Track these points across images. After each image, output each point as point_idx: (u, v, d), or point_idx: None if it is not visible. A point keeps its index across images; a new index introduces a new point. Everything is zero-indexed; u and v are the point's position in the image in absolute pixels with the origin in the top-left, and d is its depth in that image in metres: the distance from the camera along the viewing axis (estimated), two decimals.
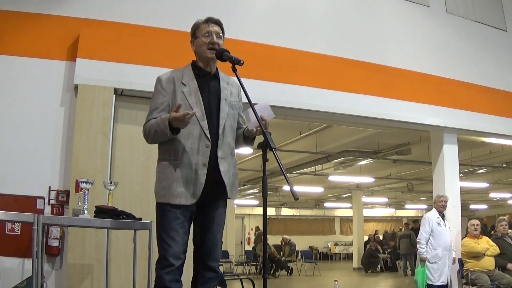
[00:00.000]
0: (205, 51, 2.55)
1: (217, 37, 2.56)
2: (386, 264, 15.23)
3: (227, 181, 2.51)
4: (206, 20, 2.60)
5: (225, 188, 2.51)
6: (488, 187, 15.12)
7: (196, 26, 2.62)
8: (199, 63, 2.62)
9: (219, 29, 2.59)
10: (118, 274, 4.32)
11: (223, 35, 2.62)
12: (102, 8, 4.80)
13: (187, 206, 2.46)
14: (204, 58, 2.59)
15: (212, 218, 2.56)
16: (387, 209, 24.76)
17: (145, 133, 2.55)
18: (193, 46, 2.64)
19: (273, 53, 5.44)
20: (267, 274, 2.40)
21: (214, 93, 2.59)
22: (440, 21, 6.82)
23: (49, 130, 4.45)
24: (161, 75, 2.60)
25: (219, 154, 2.50)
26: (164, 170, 2.50)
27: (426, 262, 5.78)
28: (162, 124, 2.42)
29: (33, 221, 3.14)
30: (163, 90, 2.55)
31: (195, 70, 2.61)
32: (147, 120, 2.54)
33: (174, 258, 2.40)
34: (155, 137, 2.50)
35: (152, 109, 2.55)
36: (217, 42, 2.55)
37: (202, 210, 2.55)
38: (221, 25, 2.62)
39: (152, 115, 2.53)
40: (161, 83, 2.56)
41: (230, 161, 2.57)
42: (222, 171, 2.50)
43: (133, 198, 4.48)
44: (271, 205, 21.82)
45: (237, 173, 2.65)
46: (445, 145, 6.47)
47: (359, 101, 5.74)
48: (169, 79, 2.56)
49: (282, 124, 7.55)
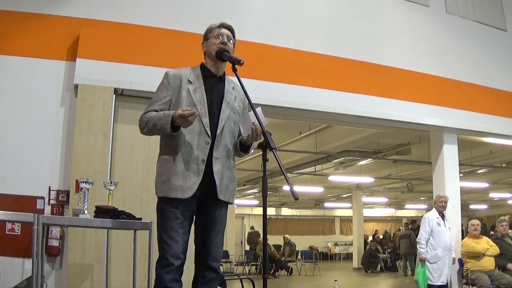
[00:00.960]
0: (214, 49, 2.61)
1: (227, 39, 2.64)
2: (386, 264, 15.23)
3: (218, 182, 2.51)
4: (219, 25, 2.69)
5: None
6: (488, 187, 15.12)
7: (209, 29, 2.71)
8: (208, 65, 2.69)
9: (230, 33, 2.69)
10: (118, 274, 4.32)
11: (234, 40, 2.71)
12: (102, 8, 4.80)
13: (187, 205, 2.47)
14: (212, 57, 2.64)
15: (212, 218, 2.57)
16: (387, 209, 24.77)
17: (142, 123, 2.56)
18: (204, 48, 2.71)
19: (273, 53, 5.44)
20: (267, 274, 2.40)
21: (218, 94, 2.63)
22: (440, 21, 6.82)
23: (49, 130, 4.45)
24: (170, 70, 2.66)
25: (214, 154, 2.52)
26: (164, 165, 2.53)
27: (426, 262, 5.79)
28: (164, 119, 2.44)
29: (33, 221, 3.14)
30: (169, 85, 2.59)
31: (203, 70, 2.67)
32: (147, 111, 2.57)
33: (173, 258, 2.41)
34: (152, 130, 2.53)
35: (154, 101, 2.59)
36: (227, 43, 2.62)
37: (203, 210, 2.57)
38: (233, 31, 2.71)
39: (153, 106, 2.57)
40: (168, 78, 2.61)
41: (224, 163, 2.57)
42: (215, 171, 2.51)
43: (133, 198, 4.48)
44: (271, 205, 21.82)
45: (233, 176, 2.65)
46: (445, 145, 6.47)
47: (359, 101, 5.74)
48: (176, 75, 2.62)
49: (282, 124, 7.55)
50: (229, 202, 2.60)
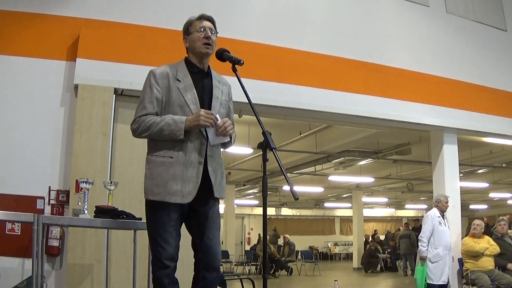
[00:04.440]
0: (200, 46, 2.55)
1: (210, 32, 2.56)
2: (386, 264, 15.22)
3: (213, 180, 2.49)
4: (199, 17, 2.61)
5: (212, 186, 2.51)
6: (488, 187, 15.12)
7: (189, 22, 2.63)
8: (192, 60, 2.61)
9: (212, 25, 2.61)
10: (118, 274, 4.32)
11: (216, 31, 2.63)
12: (102, 8, 4.80)
13: (182, 206, 2.44)
14: (198, 54, 2.58)
15: (208, 216, 2.53)
16: (387, 209, 24.76)
17: (139, 126, 2.44)
18: (186, 43, 2.63)
19: (273, 53, 5.44)
20: (267, 274, 2.40)
21: (207, 90, 2.58)
22: (440, 21, 6.82)
23: (49, 130, 4.44)
24: (155, 69, 2.55)
25: (208, 153, 2.49)
26: (157, 167, 2.44)
27: (426, 261, 5.78)
28: (174, 125, 2.38)
29: (33, 221, 3.14)
30: (157, 85, 2.49)
31: (189, 66, 2.60)
32: (142, 114, 2.45)
33: (168, 260, 2.40)
34: (157, 135, 2.42)
35: (146, 102, 2.47)
36: (210, 37, 2.55)
37: (196, 210, 2.52)
38: (214, 22, 2.63)
39: (147, 109, 2.45)
40: (156, 78, 2.51)
41: (217, 160, 2.56)
42: (210, 170, 2.49)
43: (133, 198, 4.46)
44: (271, 205, 21.81)
45: (223, 172, 2.64)
46: (445, 145, 6.48)
47: (359, 101, 5.74)
48: (163, 74, 2.52)
49: (282, 124, 7.54)
50: (222, 197, 2.58)
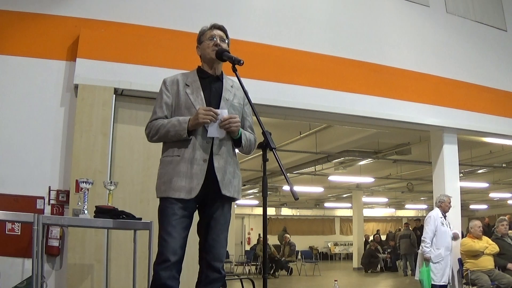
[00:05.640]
0: (209, 52, 2.65)
1: (220, 40, 2.67)
2: (386, 264, 15.23)
3: (220, 177, 2.51)
4: (210, 26, 2.73)
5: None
6: (488, 187, 15.12)
7: (201, 32, 2.75)
8: (204, 67, 2.72)
9: (223, 34, 2.72)
10: (118, 274, 4.32)
11: (228, 39, 2.74)
12: (102, 8, 4.80)
13: (187, 201, 2.48)
14: (208, 60, 2.68)
15: (215, 218, 2.58)
16: (387, 209, 24.76)
17: (150, 131, 2.60)
18: (199, 51, 2.75)
19: (273, 53, 5.44)
20: (267, 274, 2.40)
21: (216, 93, 2.66)
22: (440, 21, 6.82)
23: (49, 130, 4.45)
24: (167, 78, 2.71)
25: (214, 151, 2.54)
26: (166, 166, 2.56)
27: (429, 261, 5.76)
28: (179, 125, 2.50)
29: (33, 221, 3.14)
30: (167, 91, 2.64)
31: (200, 73, 2.71)
32: (153, 119, 2.61)
33: (170, 253, 2.40)
34: (165, 137, 2.56)
35: (157, 108, 2.63)
36: (221, 44, 2.65)
37: (205, 209, 2.59)
38: (225, 31, 2.74)
39: (157, 114, 2.61)
40: (166, 85, 2.67)
41: (226, 158, 2.57)
42: (216, 167, 2.52)
43: (133, 198, 4.48)
44: (271, 205, 21.82)
45: (237, 172, 2.65)
46: (445, 145, 6.47)
47: (359, 101, 5.74)
48: (173, 81, 2.67)
49: (282, 124, 7.54)
50: (234, 197, 2.59)
